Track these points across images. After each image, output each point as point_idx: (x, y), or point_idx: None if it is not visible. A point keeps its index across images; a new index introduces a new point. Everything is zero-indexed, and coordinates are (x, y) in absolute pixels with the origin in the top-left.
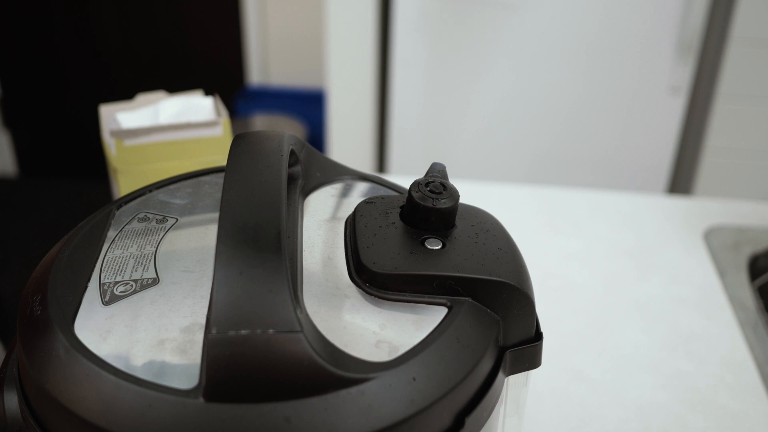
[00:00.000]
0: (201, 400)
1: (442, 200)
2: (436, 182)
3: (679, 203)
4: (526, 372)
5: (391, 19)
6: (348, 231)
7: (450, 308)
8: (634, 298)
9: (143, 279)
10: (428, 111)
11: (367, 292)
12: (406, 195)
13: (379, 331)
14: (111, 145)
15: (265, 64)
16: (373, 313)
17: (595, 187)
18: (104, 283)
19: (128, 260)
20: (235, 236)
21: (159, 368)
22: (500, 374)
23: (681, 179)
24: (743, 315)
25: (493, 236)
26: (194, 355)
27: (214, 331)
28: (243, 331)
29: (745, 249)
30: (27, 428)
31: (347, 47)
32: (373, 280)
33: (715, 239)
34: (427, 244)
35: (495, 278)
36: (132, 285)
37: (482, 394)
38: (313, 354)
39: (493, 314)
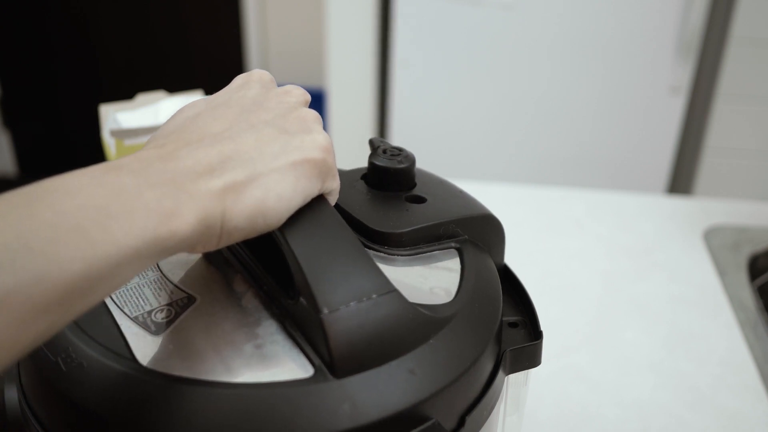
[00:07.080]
0: (333, 379)
1: (404, 161)
2: (388, 147)
3: (679, 203)
4: (525, 371)
5: (391, 19)
6: None
7: (459, 249)
8: (633, 298)
9: (176, 301)
10: (428, 111)
11: (388, 254)
12: (362, 168)
13: (425, 281)
14: (111, 145)
15: (265, 64)
16: (406, 269)
17: (595, 187)
18: (136, 317)
19: (142, 288)
20: (294, 221)
21: (259, 370)
22: (500, 373)
23: (681, 179)
24: (743, 315)
25: (447, 184)
26: (276, 351)
27: (325, 311)
28: (352, 303)
29: (745, 249)
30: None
31: (347, 47)
32: (389, 241)
33: (715, 239)
34: (412, 201)
35: (480, 213)
36: (170, 310)
37: (483, 392)
38: (414, 306)
39: (482, 245)
